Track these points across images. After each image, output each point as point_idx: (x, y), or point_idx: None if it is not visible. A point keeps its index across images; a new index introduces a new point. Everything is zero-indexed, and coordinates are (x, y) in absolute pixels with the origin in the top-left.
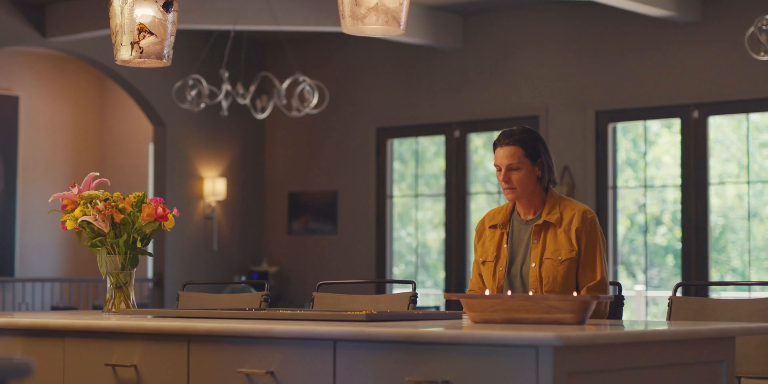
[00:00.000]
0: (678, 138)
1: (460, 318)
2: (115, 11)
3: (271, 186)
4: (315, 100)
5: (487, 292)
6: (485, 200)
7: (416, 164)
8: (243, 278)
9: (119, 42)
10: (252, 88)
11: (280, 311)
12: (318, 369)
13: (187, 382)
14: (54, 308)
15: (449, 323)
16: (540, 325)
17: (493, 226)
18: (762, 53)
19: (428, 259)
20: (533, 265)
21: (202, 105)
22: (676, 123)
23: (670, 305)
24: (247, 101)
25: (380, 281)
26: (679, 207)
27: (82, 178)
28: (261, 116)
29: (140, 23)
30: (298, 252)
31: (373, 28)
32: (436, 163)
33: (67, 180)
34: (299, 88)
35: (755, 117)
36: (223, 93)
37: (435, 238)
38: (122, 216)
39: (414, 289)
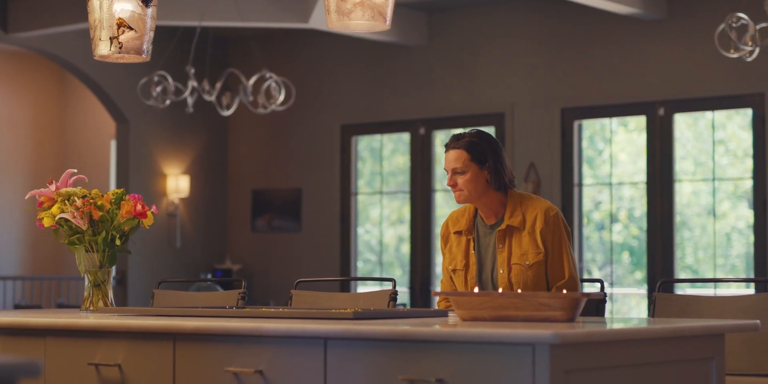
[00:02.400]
0: (634, 136)
1: (446, 316)
2: (94, 6)
3: (235, 183)
4: (282, 97)
5: (476, 290)
6: (442, 198)
7: (380, 162)
8: (209, 276)
9: (98, 37)
10: (218, 85)
11: (264, 309)
12: (308, 368)
13: (173, 381)
14: (17, 307)
15: (438, 321)
16: (533, 323)
17: (458, 232)
18: (732, 50)
19: (386, 256)
20: (501, 271)
21: (168, 102)
22: (633, 121)
23: (653, 302)
24: (213, 98)
25: (361, 278)
26: (636, 204)
27: (41, 176)
28: (227, 113)
29: (119, 18)
30: (261, 250)
31: (358, 23)
32: (395, 161)
33: (27, 177)
34: (265, 84)
35: (710, 115)
36: (189, 89)
37: (392, 235)
38: (101, 213)
39: (394, 286)
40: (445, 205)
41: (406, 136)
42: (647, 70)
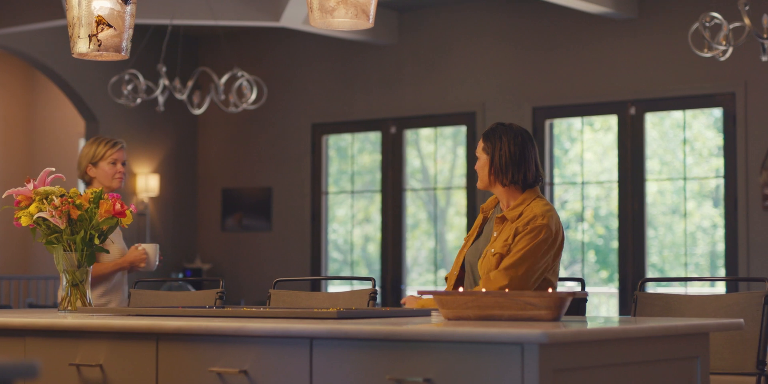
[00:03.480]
0: (600, 135)
1: (429, 315)
2: (72, 3)
3: (205, 182)
4: (253, 96)
5: (461, 289)
6: (412, 197)
7: (346, 161)
8: (181, 275)
9: (76, 34)
10: (190, 84)
11: (245, 309)
12: (294, 367)
13: (155, 382)
14: None
15: (423, 320)
16: (520, 322)
17: (482, 210)
18: (706, 50)
19: (352, 255)
20: (479, 257)
21: (139, 100)
22: (598, 120)
23: (635, 301)
24: (184, 97)
25: (340, 277)
26: (601, 203)
27: (8, 175)
28: (198, 111)
29: (98, 15)
30: (231, 249)
31: (341, 21)
32: (361, 160)
33: None
34: (237, 83)
35: (677, 114)
36: (160, 88)
37: (359, 234)
38: (79, 212)
39: (374, 285)
40: (411, 205)
41: (376, 135)
42: (618, 69)
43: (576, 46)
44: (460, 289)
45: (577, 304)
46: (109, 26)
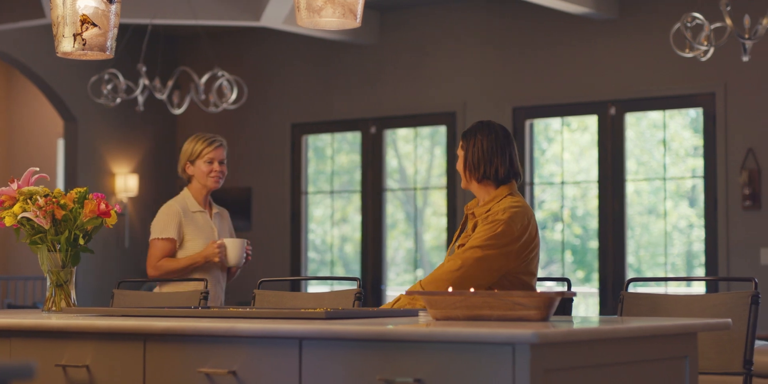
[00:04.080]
0: (577, 135)
1: (417, 315)
2: (57, 2)
3: (184, 182)
4: (234, 96)
5: (450, 289)
6: (392, 197)
7: (324, 161)
8: None
9: (60, 34)
10: (170, 83)
11: (231, 309)
12: (283, 368)
13: (143, 382)
14: None
15: (411, 320)
16: (510, 322)
17: (466, 209)
18: (687, 50)
19: (329, 255)
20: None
21: (118, 100)
22: (575, 121)
23: (621, 301)
24: (164, 96)
25: (325, 277)
26: (578, 203)
27: None
28: (178, 111)
29: (83, 14)
30: None
31: (329, 20)
32: (338, 160)
33: None
34: (217, 83)
35: (653, 115)
36: (140, 87)
37: (337, 234)
38: (64, 212)
39: (359, 285)
40: (390, 205)
41: (355, 135)
42: (598, 69)
43: (556, 46)
44: (449, 289)
45: (563, 304)
46: (94, 25)
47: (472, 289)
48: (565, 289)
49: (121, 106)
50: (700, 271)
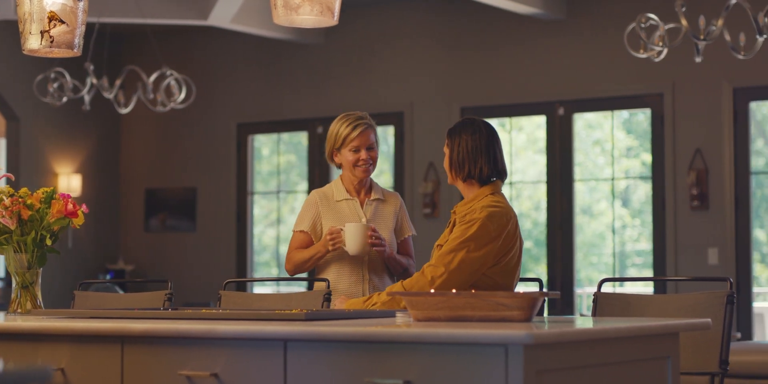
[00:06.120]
0: (521, 136)
1: (394, 316)
2: None
3: (128, 182)
4: (183, 95)
5: (432, 290)
6: None
7: (278, 161)
8: (110, 276)
9: (28, 30)
10: (118, 82)
11: (204, 310)
12: (267, 371)
13: None
14: None
15: (389, 321)
16: (500, 323)
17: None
18: (642, 50)
19: (261, 256)
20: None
21: (65, 99)
22: (525, 121)
23: (595, 301)
24: (112, 96)
25: (294, 279)
26: (528, 203)
27: None
28: (125, 111)
29: (51, 11)
30: (155, 250)
31: (306, 18)
32: (288, 160)
33: None
34: (165, 82)
35: (588, 116)
36: (88, 86)
37: (272, 235)
38: (30, 212)
39: (328, 286)
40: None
41: (303, 135)
42: (547, 69)
43: (505, 46)
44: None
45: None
46: (62, 22)
47: (453, 290)
48: (537, 289)
49: (65, 106)
50: (634, 272)
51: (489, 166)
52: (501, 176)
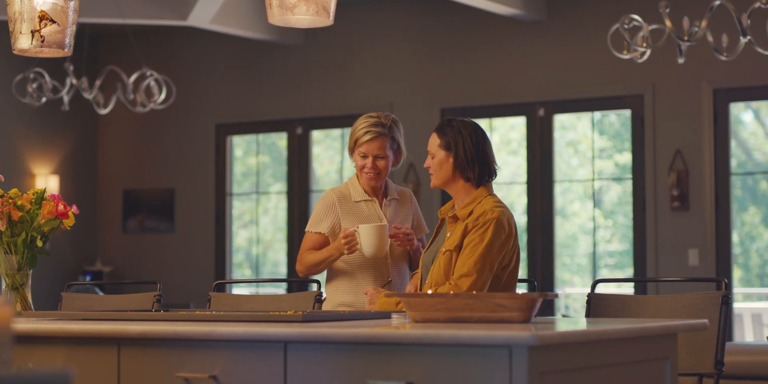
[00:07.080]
0: (504, 137)
1: (390, 317)
2: None
3: (105, 183)
4: (163, 96)
5: (429, 291)
6: (317, 198)
7: (257, 161)
8: (88, 278)
9: (18, 30)
10: (98, 82)
11: (198, 312)
12: (267, 373)
13: None
14: None
15: (386, 322)
16: (504, 324)
17: (441, 213)
18: (625, 51)
19: (236, 258)
20: (433, 259)
21: (44, 99)
22: (504, 122)
23: (588, 302)
24: (91, 96)
25: (284, 280)
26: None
27: None
28: (104, 111)
29: (41, 10)
30: (133, 251)
31: (301, 18)
32: (266, 160)
33: None
34: (145, 82)
35: (561, 117)
36: (67, 87)
37: (244, 237)
38: (20, 213)
39: (319, 288)
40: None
41: (281, 136)
42: (527, 70)
43: (485, 47)
44: (429, 291)
45: None
46: (53, 22)
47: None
48: (527, 290)
49: (43, 106)
50: (606, 273)
51: (486, 167)
52: (493, 176)
